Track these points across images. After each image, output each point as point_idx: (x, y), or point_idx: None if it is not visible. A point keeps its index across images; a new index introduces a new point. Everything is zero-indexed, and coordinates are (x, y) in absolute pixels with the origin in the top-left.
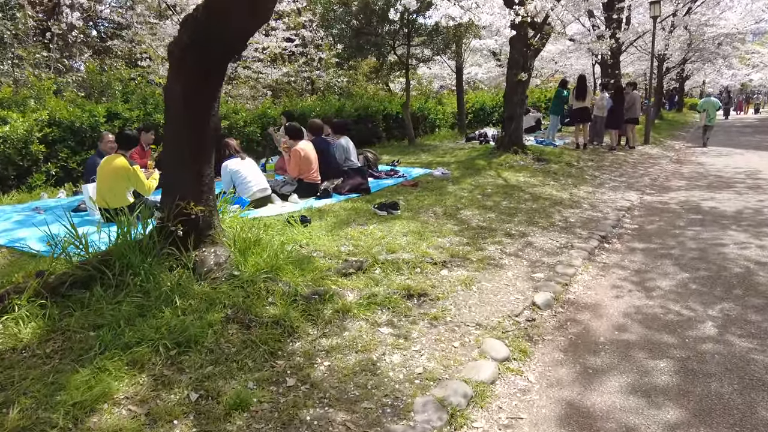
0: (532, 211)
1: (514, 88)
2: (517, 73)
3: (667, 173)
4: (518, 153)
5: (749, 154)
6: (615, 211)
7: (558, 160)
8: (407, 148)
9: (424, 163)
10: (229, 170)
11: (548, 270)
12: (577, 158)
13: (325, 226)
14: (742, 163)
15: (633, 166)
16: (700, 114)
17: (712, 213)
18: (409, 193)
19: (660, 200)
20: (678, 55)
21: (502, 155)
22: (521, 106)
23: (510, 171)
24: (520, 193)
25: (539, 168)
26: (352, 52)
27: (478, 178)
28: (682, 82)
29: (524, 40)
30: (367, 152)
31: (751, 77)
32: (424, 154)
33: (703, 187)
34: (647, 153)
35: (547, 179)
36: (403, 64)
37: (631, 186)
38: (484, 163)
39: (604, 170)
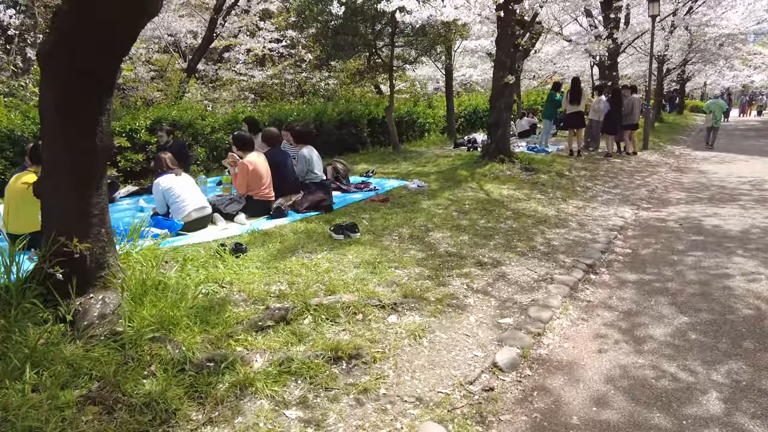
0: (511, 231)
1: (500, 91)
2: (504, 76)
3: (666, 183)
4: (505, 162)
5: (753, 161)
6: (606, 231)
7: (548, 170)
8: (389, 156)
9: (402, 173)
10: (161, 188)
11: (519, 313)
12: (569, 167)
13: (263, 256)
14: (746, 171)
15: (629, 176)
16: (707, 115)
17: (716, 233)
18: (377, 210)
19: (657, 217)
20: (679, 56)
21: (487, 164)
22: (508, 111)
23: (494, 183)
24: (501, 209)
25: (526, 179)
26: (332, 53)
27: (457, 191)
28: (682, 83)
29: (511, 39)
30: (337, 163)
31: (753, 78)
32: (406, 163)
33: (705, 200)
34: (645, 160)
35: (534, 192)
36: (388, 65)
37: (626, 199)
38: (466, 174)
39: (598, 180)
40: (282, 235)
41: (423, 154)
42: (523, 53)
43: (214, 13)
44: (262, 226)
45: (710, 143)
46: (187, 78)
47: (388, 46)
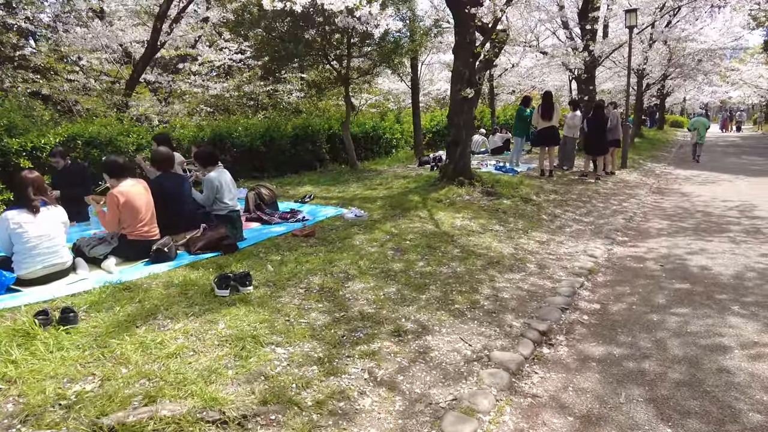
0: (453, 279)
1: (458, 106)
2: (462, 89)
3: (646, 209)
4: (464, 185)
5: (738, 181)
6: (570, 276)
7: (513, 193)
8: (343, 176)
9: (347, 198)
10: (7, 225)
11: (430, 426)
12: (538, 189)
13: (100, 327)
14: (731, 192)
15: (605, 199)
16: (691, 132)
17: (704, 279)
18: (296, 248)
19: (634, 254)
20: (658, 71)
21: (444, 188)
22: (468, 128)
23: (448, 210)
24: (448, 245)
25: (486, 205)
26: (278, 63)
27: (402, 221)
28: (662, 98)
29: (470, 48)
30: (261, 187)
31: (730, 95)
32: (357, 184)
33: (690, 230)
34: (624, 180)
35: (492, 222)
36: (343, 77)
37: (598, 230)
38: (418, 199)
39: (569, 206)
40: (148, 291)
41: (381, 174)
42: (484, 64)
43: (157, 21)
44: (129, 276)
45: (696, 158)
46: (128, 90)
47: (345, 56)
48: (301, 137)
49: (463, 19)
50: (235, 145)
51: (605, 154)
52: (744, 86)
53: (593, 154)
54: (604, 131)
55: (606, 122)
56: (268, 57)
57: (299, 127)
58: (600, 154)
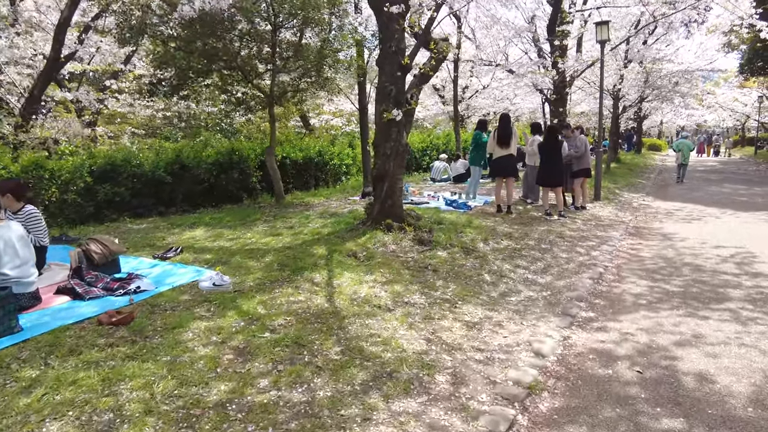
0: (302, 418)
1: (384, 132)
2: (386, 109)
3: (621, 260)
4: (392, 230)
5: (726, 217)
6: (496, 405)
7: (454, 241)
8: (256, 214)
9: (229, 250)
10: None
11: None
12: (488, 233)
13: None
14: (722, 233)
15: (570, 247)
16: (676, 153)
17: (706, 407)
18: (81, 349)
19: (601, 346)
20: (635, 93)
21: (365, 234)
22: (399, 158)
23: (358, 270)
24: (328, 340)
25: (414, 260)
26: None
27: (283, 292)
28: (640, 121)
29: (396, 59)
30: (92, 243)
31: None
32: (263, 227)
33: (677, 298)
34: (596, 217)
35: (412, 289)
36: (267, 95)
37: (555, 300)
38: (322, 253)
39: (522, 259)
40: None
41: (309, 210)
42: (419, 79)
43: (58, 31)
44: None
45: (681, 178)
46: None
47: (265, 71)
48: (226, 164)
49: (387, 23)
50: (135, 176)
51: (561, 186)
52: (719, 109)
53: (548, 186)
54: (558, 159)
55: (560, 148)
56: (170, 71)
57: (223, 152)
58: (555, 185)
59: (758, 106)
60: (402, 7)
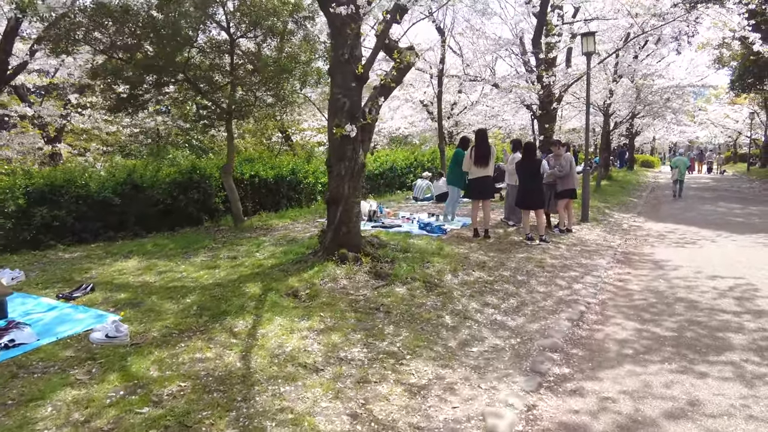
0: None
1: (339, 149)
2: (339, 125)
3: (606, 295)
4: (347, 261)
5: (722, 240)
6: None
7: (417, 273)
8: (204, 240)
9: (150, 288)
10: None
11: None
12: (459, 262)
13: None
14: (718, 260)
15: (549, 278)
16: (673, 170)
17: None
18: None
19: (572, 419)
20: (626, 109)
21: (315, 267)
22: (354, 179)
23: (294, 314)
24: (221, 416)
25: (366, 298)
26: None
27: (189, 345)
28: (632, 138)
29: (349, 68)
30: None
31: (697, 134)
32: (204, 256)
33: (669, 346)
34: (582, 241)
35: (354, 339)
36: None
37: (525, 350)
38: (257, 292)
39: (493, 294)
40: None
41: (267, 235)
42: (379, 91)
43: (4, 41)
44: None
45: (678, 194)
46: None
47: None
48: (185, 184)
49: (339, 27)
50: (80, 197)
51: (542, 208)
52: (711, 126)
53: (528, 208)
54: (538, 178)
55: (538, 167)
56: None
57: (183, 171)
58: (535, 207)
59: (750, 122)
60: (351, 8)
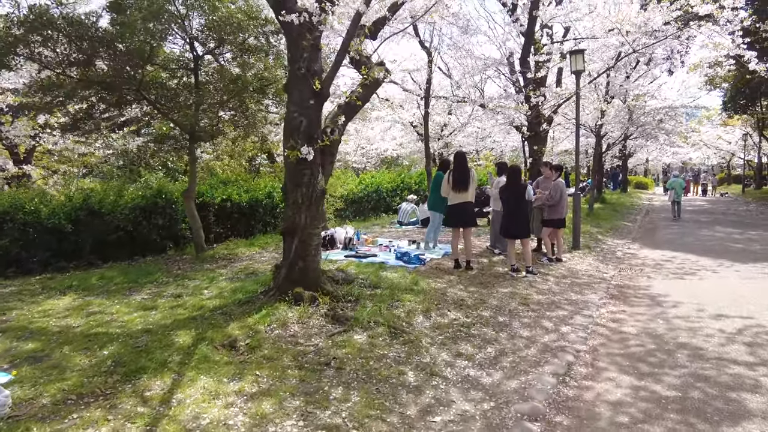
0: None
1: (296, 175)
2: (294, 146)
3: (596, 342)
4: (302, 302)
5: (724, 271)
6: None
7: (382, 315)
8: (158, 272)
9: (78, 330)
10: None
11: None
12: (431, 302)
13: None
14: (722, 296)
15: (534, 319)
16: (669, 191)
17: None
18: None
19: None
20: (618, 130)
21: (262, 309)
22: (313, 207)
23: (221, 372)
24: None
25: (314, 350)
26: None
27: (84, 417)
28: (625, 159)
29: (306, 83)
30: None
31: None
32: (149, 291)
33: (672, 412)
34: (573, 272)
35: (288, 408)
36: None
37: (497, 418)
38: (188, 340)
39: (468, 342)
40: None
41: (227, 265)
42: (344, 109)
43: None
44: None
45: (678, 215)
46: None
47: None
48: (149, 209)
49: (293, 37)
50: (27, 224)
51: (528, 237)
52: (704, 147)
53: (512, 237)
54: (522, 205)
55: (524, 192)
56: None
57: (148, 195)
58: (520, 236)
59: (743, 143)
60: (304, 16)
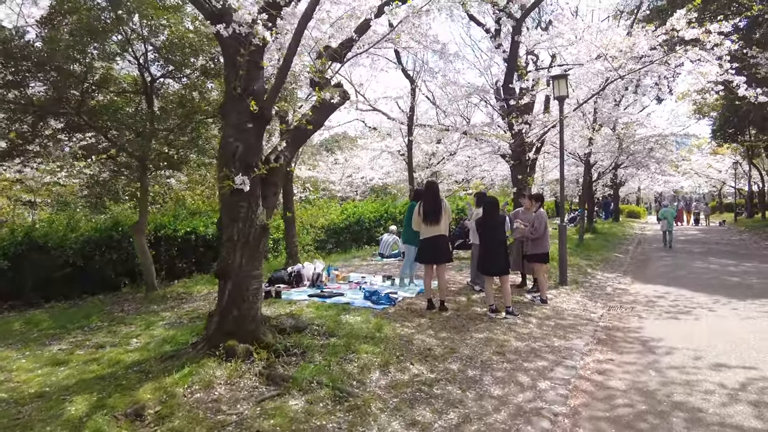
0: None
1: (229, 208)
2: (227, 176)
3: (578, 402)
4: (235, 357)
5: (721, 309)
6: None
7: (328, 374)
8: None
9: None
10: None
11: None
12: (392, 353)
13: None
14: (721, 340)
15: (510, 373)
16: (660, 221)
17: None
18: None
19: None
20: (608, 159)
21: (185, 366)
22: (251, 246)
23: None
24: None
25: (236, 420)
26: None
27: None
28: (616, 188)
29: (242, 105)
30: None
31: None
32: (72, 340)
33: None
34: (557, 312)
35: None
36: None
37: None
38: (82, 409)
39: (427, 405)
40: None
41: (175, 307)
42: (293, 133)
43: None
44: None
45: (669, 245)
46: None
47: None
48: (102, 243)
49: (230, 53)
50: None
51: (507, 274)
52: (695, 176)
53: (490, 274)
54: (500, 239)
55: (502, 225)
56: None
57: (102, 228)
58: (499, 273)
59: (734, 172)
60: (232, 28)
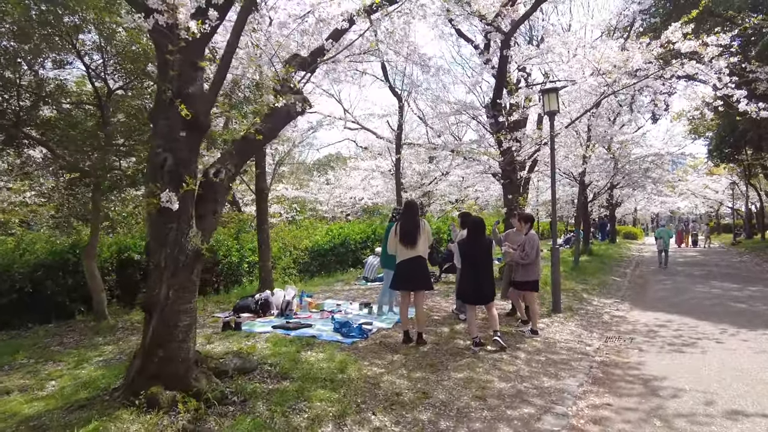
0: None
1: (156, 230)
2: (154, 191)
3: None
4: (157, 407)
5: (729, 340)
6: None
7: (272, 428)
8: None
9: None
10: None
11: None
12: (351, 401)
13: None
14: (733, 378)
15: (487, 425)
16: (657, 240)
17: None
18: None
19: None
20: (604, 179)
21: (100, 417)
22: (181, 276)
23: None
24: None
25: None
26: None
27: None
28: (612, 209)
29: (173, 111)
30: None
31: (678, 205)
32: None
33: None
34: (548, 345)
35: None
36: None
37: None
38: None
39: None
40: None
41: (124, 339)
42: (239, 144)
43: None
44: None
45: (664, 264)
46: None
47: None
48: (56, 267)
49: (162, 50)
50: None
51: (491, 302)
52: (691, 196)
53: (473, 303)
54: (487, 264)
55: (488, 249)
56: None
57: (56, 251)
58: (483, 301)
59: (731, 193)
60: (153, 19)
